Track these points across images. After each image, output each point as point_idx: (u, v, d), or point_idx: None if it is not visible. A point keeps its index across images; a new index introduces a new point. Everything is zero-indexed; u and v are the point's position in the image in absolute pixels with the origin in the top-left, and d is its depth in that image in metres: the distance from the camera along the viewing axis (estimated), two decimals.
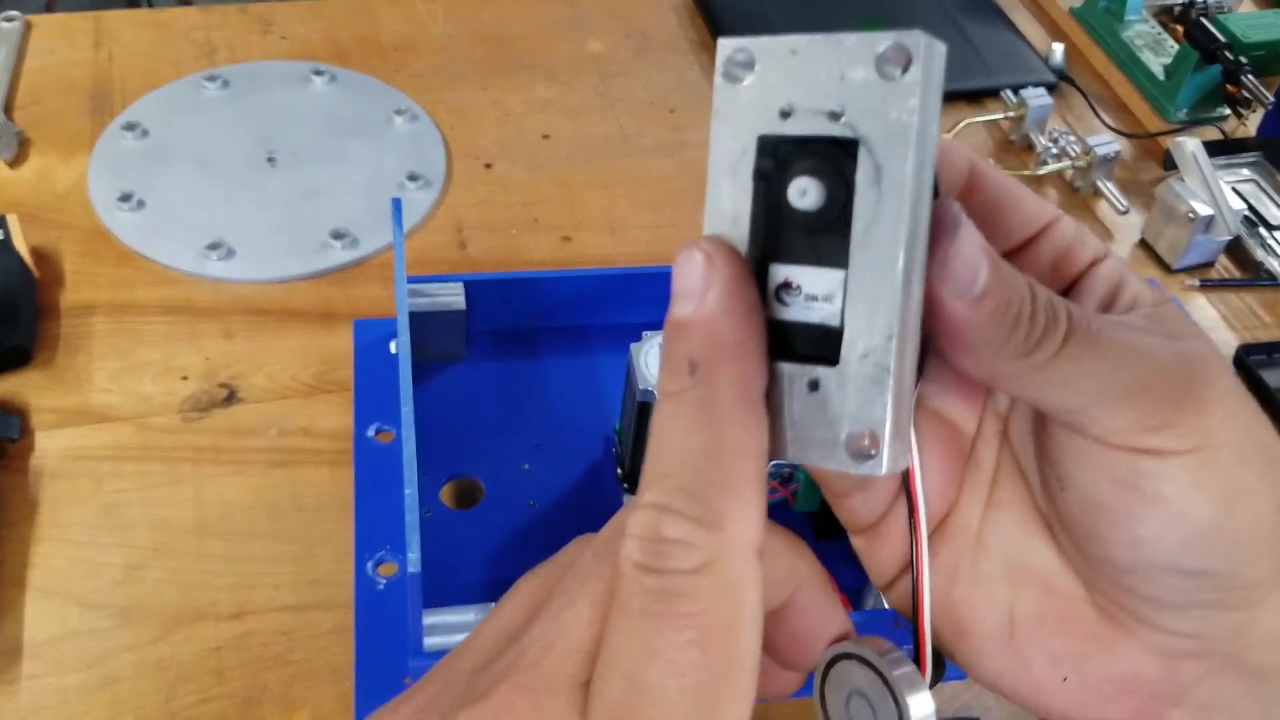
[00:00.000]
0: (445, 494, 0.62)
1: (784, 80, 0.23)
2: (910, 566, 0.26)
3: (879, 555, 0.28)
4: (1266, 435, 0.24)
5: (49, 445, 0.61)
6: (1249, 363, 0.71)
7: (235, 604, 0.56)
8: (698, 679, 0.20)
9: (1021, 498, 0.27)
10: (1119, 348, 0.23)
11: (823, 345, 0.23)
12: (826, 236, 0.23)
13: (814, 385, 0.23)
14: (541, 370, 0.68)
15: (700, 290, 0.22)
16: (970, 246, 0.22)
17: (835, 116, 0.22)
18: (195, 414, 0.64)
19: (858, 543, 0.28)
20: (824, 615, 0.26)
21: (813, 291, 0.23)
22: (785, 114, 0.23)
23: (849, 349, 0.22)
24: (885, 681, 0.24)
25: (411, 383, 0.53)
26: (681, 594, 0.21)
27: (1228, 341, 0.75)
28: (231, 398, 0.65)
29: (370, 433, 0.63)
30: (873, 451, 0.22)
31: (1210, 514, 0.23)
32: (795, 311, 0.23)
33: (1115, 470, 0.24)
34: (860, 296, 0.22)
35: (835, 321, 0.23)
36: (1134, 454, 0.23)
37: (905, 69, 0.22)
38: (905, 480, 0.26)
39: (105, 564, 0.57)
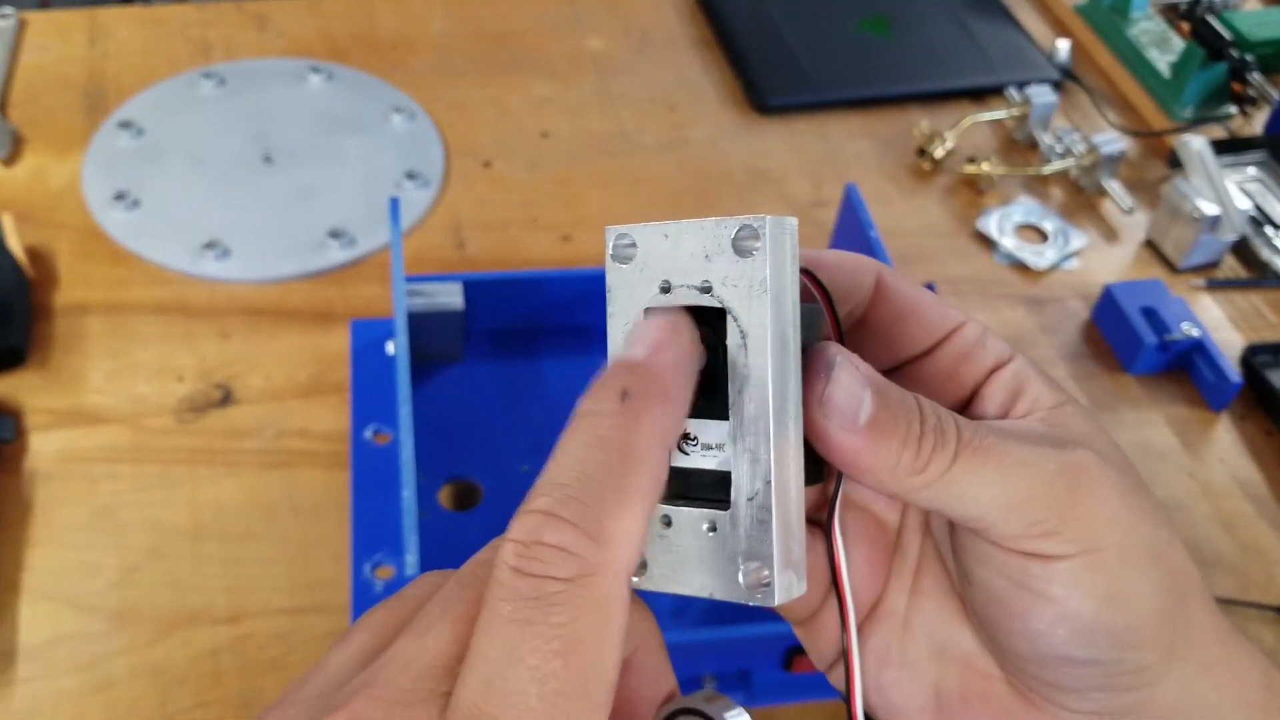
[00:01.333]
0: (444, 496, 0.61)
1: (661, 260, 0.26)
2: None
3: (818, 643, 0.30)
4: (1150, 532, 0.26)
5: (43, 447, 0.61)
6: (1255, 363, 0.71)
7: (231, 607, 0.55)
8: (558, 689, 0.21)
9: (943, 584, 0.29)
10: (1007, 461, 0.25)
11: (718, 489, 0.26)
12: (711, 393, 0.26)
13: (712, 527, 0.25)
14: (541, 370, 0.67)
15: (659, 344, 0.24)
16: (848, 383, 0.25)
17: (705, 289, 0.25)
18: (190, 415, 0.63)
19: (799, 631, 0.30)
20: (657, 676, 0.27)
21: (707, 441, 0.26)
22: (665, 289, 0.26)
23: (737, 493, 0.25)
24: None
25: (409, 383, 0.52)
26: (554, 603, 0.21)
27: (1234, 342, 0.74)
28: (227, 399, 0.64)
29: (367, 434, 0.62)
30: (766, 584, 0.25)
31: (1094, 610, 0.25)
32: (694, 459, 0.26)
33: (1009, 570, 0.26)
34: (741, 447, 0.25)
35: (728, 467, 0.25)
36: (1024, 557, 0.25)
37: (755, 247, 0.24)
38: (834, 579, 0.27)
39: (100, 567, 0.56)
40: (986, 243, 0.79)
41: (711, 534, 0.26)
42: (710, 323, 0.25)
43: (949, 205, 0.82)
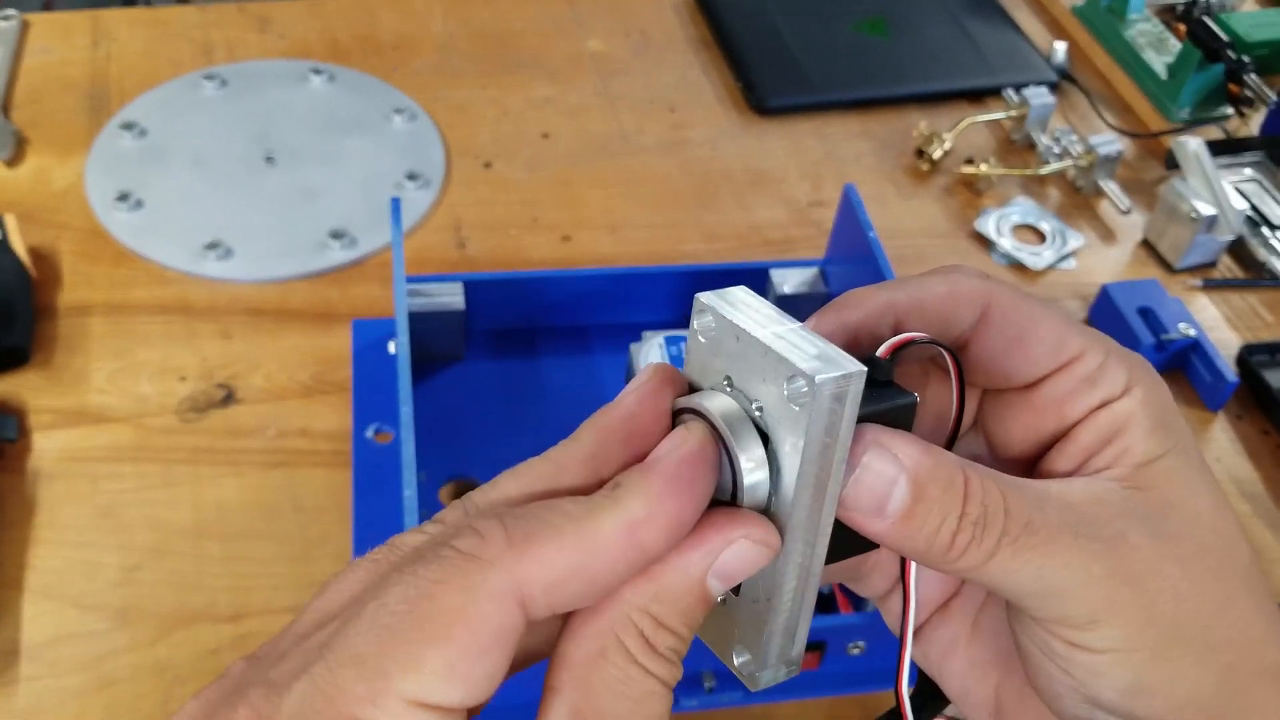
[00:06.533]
0: (444, 494, 0.61)
1: (728, 358, 0.25)
2: (910, 626, 0.29)
3: (893, 614, 0.31)
4: (1209, 623, 0.26)
5: (46, 446, 0.61)
6: (1252, 363, 0.71)
7: (233, 606, 0.56)
8: (390, 624, 0.21)
9: None
10: (1051, 563, 0.24)
11: None
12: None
13: (723, 601, 0.26)
14: (541, 370, 0.67)
15: (666, 449, 0.24)
16: (875, 477, 0.24)
17: (758, 407, 0.24)
18: (193, 415, 0.64)
19: (879, 603, 0.31)
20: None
21: None
22: (728, 380, 0.25)
23: (746, 590, 0.25)
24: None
25: (410, 383, 0.53)
26: (435, 559, 0.21)
27: (1230, 341, 0.75)
28: (229, 398, 0.65)
29: (369, 433, 0.63)
30: (751, 672, 0.26)
31: (1115, 699, 0.25)
32: None
33: (1038, 640, 0.26)
34: None
35: None
36: (1053, 637, 0.26)
37: (804, 401, 0.23)
38: (902, 571, 0.28)
39: (102, 565, 0.57)
40: (984, 243, 0.80)
41: (720, 605, 0.26)
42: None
43: (947, 206, 0.82)
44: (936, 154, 0.83)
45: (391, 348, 0.66)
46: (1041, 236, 0.80)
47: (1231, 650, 0.26)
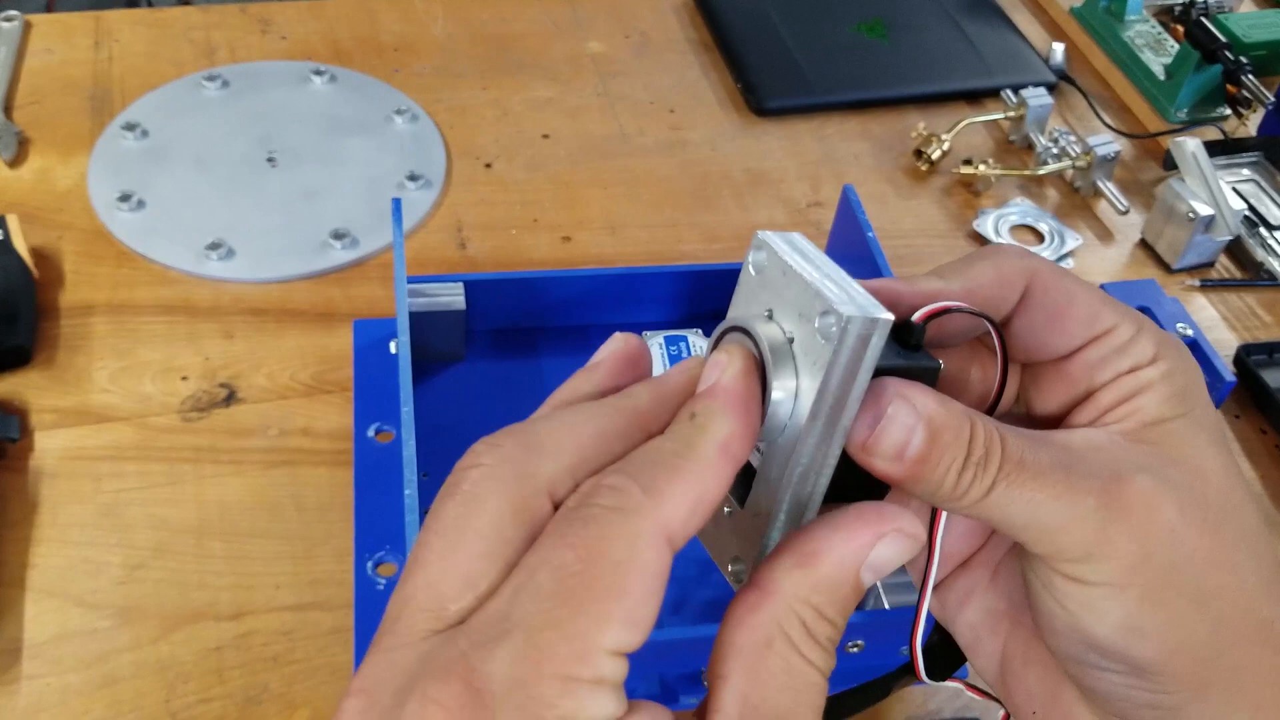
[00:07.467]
0: None
1: (773, 291, 0.27)
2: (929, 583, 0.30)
3: (919, 572, 0.31)
4: (1200, 574, 0.26)
5: (49, 445, 0.61)
6: (1249, 363, 0.71)
7: (235, 604, 0.56)
8: (574, 584, 0.22)
9: None
10: (1041, 495, 0.26)
11: (743, 483, 0.27)
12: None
13: (729, 511, 0.28)
14: (541, 370, 0.68)
15: (719, 373, 0.26)
16: (898, 426, 0.26)
17: (790, 339, 0.26)
18: (195, 414, 0.64)
19: (906, 563, 0.32)
20: None
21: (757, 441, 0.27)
22: (769, 313, 0.27)
23: (750, 504, 0.27)
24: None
25: (411, 383, 0.53)
26: (588, 520, 0.23)
27: (1228, 341, 0.75)
28: (231, 398, 0.65)
29: (370, 433, 0.63)
30: (739, 577, 0.27)
31: (1107, 636, 0.27)
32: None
33: (1040, 574, 0.28)
34: (763, 475, 0.27)
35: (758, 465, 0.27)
36: (1052, 571, 0.27)
37: (832, 334, 0.25)
38: (930, 524, 0.29)
39: (105, 564, 0.57)
40: (983, 243, 0.80)
41: (726, 514, 0.28)
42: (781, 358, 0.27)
43: (945, 206, 0.82)
44: (935, 155, 0.83)
45: (393, 347, 0.66)
46: (1040, 237, 0.80)
47: (1225, 601, 0.27)
